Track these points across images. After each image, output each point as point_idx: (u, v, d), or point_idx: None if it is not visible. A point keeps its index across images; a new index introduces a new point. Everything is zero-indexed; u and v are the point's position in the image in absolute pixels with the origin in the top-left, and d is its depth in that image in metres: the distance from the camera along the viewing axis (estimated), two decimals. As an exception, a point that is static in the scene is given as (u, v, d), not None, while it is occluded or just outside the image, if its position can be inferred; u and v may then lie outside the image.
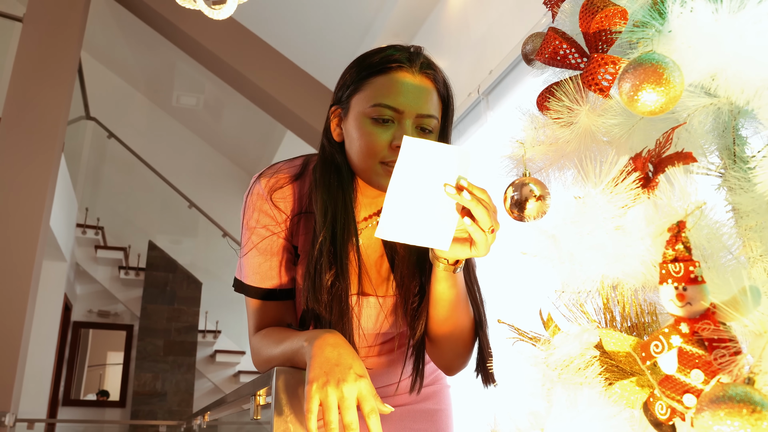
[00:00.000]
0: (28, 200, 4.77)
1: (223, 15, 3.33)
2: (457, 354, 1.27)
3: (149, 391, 7.98)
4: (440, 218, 0.99)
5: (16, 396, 4.47)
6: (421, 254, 1.27)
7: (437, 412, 1.45)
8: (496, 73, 3.70)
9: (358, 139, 1.19)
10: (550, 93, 0.91)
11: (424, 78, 1.21)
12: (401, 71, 1.19)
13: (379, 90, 1.18)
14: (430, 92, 1.20)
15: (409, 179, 0.97)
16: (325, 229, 1.20)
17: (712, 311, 0.61)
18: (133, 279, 8.55)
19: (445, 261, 1.11)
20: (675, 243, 0.62)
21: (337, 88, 1.28)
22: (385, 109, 1.16)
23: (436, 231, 0.99)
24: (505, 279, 2.56)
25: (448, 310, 1.19)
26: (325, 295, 1.19)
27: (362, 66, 1.23)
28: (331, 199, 1.22)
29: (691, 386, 0.62)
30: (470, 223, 0.98)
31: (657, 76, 0.64)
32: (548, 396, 0.78)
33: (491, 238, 1.02)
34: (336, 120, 1.27)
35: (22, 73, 5.03)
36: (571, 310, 0.82)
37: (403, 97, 1.17)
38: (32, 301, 4.69)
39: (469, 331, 1.25)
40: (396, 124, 1.17)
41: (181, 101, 9.44)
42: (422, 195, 0.98)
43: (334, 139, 1.27)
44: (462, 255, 1.07)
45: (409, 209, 0.98)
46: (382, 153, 1.16)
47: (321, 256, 1.20)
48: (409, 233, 0.99)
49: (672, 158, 0.69)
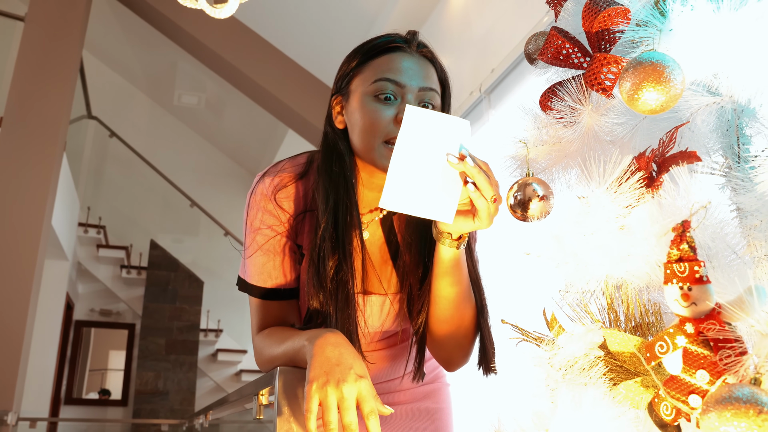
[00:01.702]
0: (30, 199, 4.77)
1: (224, 14, 3.33)
2: (460, 345, 1.26)
3: (151, 390, 7.98)
4: (443, 190, 0.99)
5: (19, 395, 4.47)
6: (423, 242, 1.27)
7: (437, 410, 1.45)
8: (498, 71, 3.70)
9: (361, 118, 1.19)
10: (553, 92, 0.90)
11: (422, 57, 1.23)
12: (399, 51, 1.22)
13: (379, 67, 1.20)
14: (429, 68, 1.23)
15: (412, 149, 0.98)
16: (327, 215, 1.21)
17: (717, 311, 0.60)
18: (134, 278, 8.56)
19: (449, 236, 1.11)
20: (680, 243, 0.62)
21: (337, 77, 1.29)
22: (387, 83, 1.18)
23: (440, 203, 0.99)
24: (508, 279, 2.55)
25: (452, 294, 1.19)
26: (329, 283, 1.19)
27: (360, 51, 1.26)
28: (333, 185, 1.23)
29: (696, 387, 0.62)
30: (473, 190, 0.98)
31: (657, 74, 0.64)
32: (552, 396, 0.78)
33: (493, 208, 1.01)
34: (338, 108, 1.28)
35: (23, 72, 5.03)
36: (575, 310, 0.82)
37: (404, 73, 1.19)
38: (34, 300, 4.70)
39: (471, 320, 1.24)
40: (399, 101, 1.18)
41: (182, 100, 9.44)
42: (425, 165, 0.98)
43: (336, 126, 1.28)
44: (465, 228, 1.07)
45: (413, 179, 0.98)
46: (386, 129, 1.16)
47: (323, 242, 1.20)
48: (413, 204, 0.99)
49: (676, 157, 0.68)
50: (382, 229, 1.31)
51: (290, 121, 6.18)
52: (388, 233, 1.32)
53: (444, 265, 1.15)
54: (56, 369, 7.38)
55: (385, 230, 1.31)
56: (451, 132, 0.98)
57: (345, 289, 1.20)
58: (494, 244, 2.48)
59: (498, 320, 1.07)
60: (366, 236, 1.29)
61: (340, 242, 1.20)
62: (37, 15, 5.21)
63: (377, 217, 1.30)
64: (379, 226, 1.31)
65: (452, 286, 1.18)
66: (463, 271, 1.18)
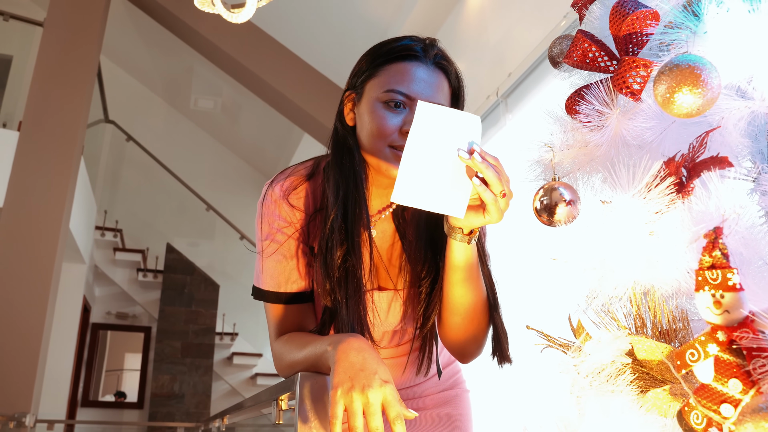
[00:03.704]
0: (48, 203, 4.81)
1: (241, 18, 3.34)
2: (474, 338, 1.26)
3: (167, 393, 8.01)
4: (455, 185, 0.99)
5: (36, 397, 4.50)
6: (432, 236, 1.28)
7: (457, 417, 1.44)
8: (515, 75, 3.68)
9: (369, 122, 1.21)
10: (580, 96, 0.89)
11: (436, 68, 1.24)
12: (415, 60, 1.23)
13: (392, 77, 1.22)
14: (442, 82, 1.24)
15: (423, 144, 0.98)
16: (336, 206, 1.22)
17: (750, 319, 0.59)
18: (151, 281, 8.60)
19: (460, 231, 1.11)
20: (712, 249, 0.61)
21: (352, 74, 1.31)
22: (397, 95, 1.19)
23: (451, 198, 0.99)
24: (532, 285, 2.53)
25: (464, 288, 1.19)
26: (336, 271, 1.20)
27: (378, 53, 1.27)
28: (344, 177, 1.25)
29: (728, 395, 0.60)
30: (479, 184, 0.98)
31: (695, 77, 0.63)
32: (578, 403, 0.77)
33: (503, 203, 1.01)
34: (350, 104, 1.30)
35: (42, 76, 5.08)
36: (601, 316, 0.81)
37: (415, 85, 1.20)
38: (52, 302, 4.73)
39: (483, 311, 1.24)
40: (407, 111, 1.20)
41: (198, 104, 9.48)
42: (437, 160, 0.98)
43: (346, 122, 1.30)
44: (476, 222, 1.07)
45: (424, 174, 0.98)
46: (391, 136, 1.18)
47: (333, 232, 1.21)
48: (425, 198, 0.99)
49: (707, 163, 0.67)
50: (394, 225, 1.32)
51: (306, 125, 6.20)
52: (399, 230, 1.32)
53: (456, 260, 1.16)
54: (73, 371, 7.43)
55: (397, 227, 1.32)
56: (462, 128, 0.99)
57: (354, 277, 1.21)
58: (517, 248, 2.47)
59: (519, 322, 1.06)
60: (374, 233, 1.30)
61: (349, 233, 1.21)
62: (55, 20, 5.26)
63: (386, 213, 1.31)
64: (390, 223, 1.32)
65: (465, 281, 1.18)
66: (475, 266, 1.19)
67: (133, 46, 8.71)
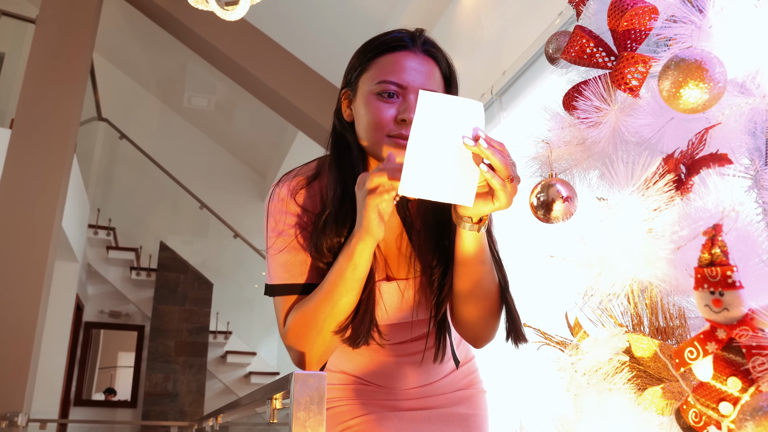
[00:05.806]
0: (41, 201, 4.79)
1: (235, 16, 3.33)
2: (487, 324, 1.27)
3: (160, 392, 7.99)
4: (462, 174, 0.98)
5: (29, 396, 4.48)
6: (440, 225, 1.29)
7: (471, 416, 1.43)
8: (510, 73, 3.68)
9: (365, 115, 1.24)
10: (577, 92, 0.89)
11: (426, 56, 1.27)
12: (404, 50, 1.26)
13: (384, 68, 1.25)
14: (433, 69, 1.27)
15: (427, 134, 0.97)
16: (334, 201, 1.24)
17: (750, 317, 0.59)
18: (144, 280, 8.58)
19: (469, 219, 1.11)
20: (711, 247, 0.60)
21: (346, 71, 1.34)
22: (389, 85, 1.22)
23: (459, 187, 0.98)
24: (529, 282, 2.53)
25: (475, 274, 1.19)
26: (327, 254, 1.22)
27: (368, 48, 1.30)
28: (341, 173, 1.27)
29: (727, 394, 0.60)
30: (487, 170, 0.97)
31: (701, 72, 0.62)
32: (575, 401, 0.76)
33: (511, 188, 1.01)
34: (346, 102, 1.33)
35: (34, 74, 5.05)
36: (598, 314, 0.80)
37: (406, 74, 1.23)
38: (44, 301, 4.71)
39: (496, 296, 1.25)
40: (401, 100, 1.22)
41: (192, 102, 9.46)
42: (442, 149, 0.97)
43: (344, 119, 1.33)
44: (485, 210, 1.06)
45: (430, 164, 0.97)
46: (388, 126, 1.21)
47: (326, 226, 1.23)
48: (432, 189, 0.97)
49: (707, 160, 0.67)
50: (398, 217, 1.32)
51: (300, 123, 6.19)
52: (404, 221, 1.33)
53: (466, 250, 1.16)
54: (66, 370, 7.41)
55: (403, 219, 1.32)
56: (465, 114, 0.98)
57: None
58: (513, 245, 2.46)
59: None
60: None
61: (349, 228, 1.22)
62: (48, 17, 5.24)
63: None
64: (394, 215, 1.31)
65: (477, 269, 1.19)
66: (486, 253, 1.19)
67: (126, 43, 8.68)
